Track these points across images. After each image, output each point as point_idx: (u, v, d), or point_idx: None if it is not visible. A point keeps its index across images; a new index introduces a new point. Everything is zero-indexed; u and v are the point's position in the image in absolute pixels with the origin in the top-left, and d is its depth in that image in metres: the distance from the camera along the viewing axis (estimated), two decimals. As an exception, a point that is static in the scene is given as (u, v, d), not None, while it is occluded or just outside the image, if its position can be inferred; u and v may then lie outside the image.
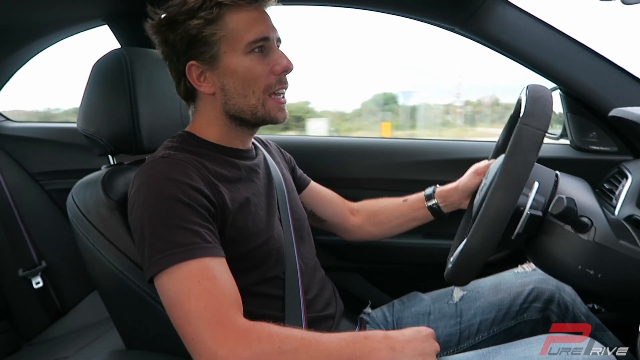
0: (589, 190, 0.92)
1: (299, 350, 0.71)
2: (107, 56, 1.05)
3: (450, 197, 1.17)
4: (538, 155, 0.76)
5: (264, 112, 0.90)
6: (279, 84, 0.90)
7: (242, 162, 0.96)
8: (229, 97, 0.89)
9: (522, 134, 0.77)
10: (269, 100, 0.90)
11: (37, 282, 1.63)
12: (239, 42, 0.86)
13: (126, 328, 1.07)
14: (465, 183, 1.14)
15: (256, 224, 0.90)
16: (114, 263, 0.95)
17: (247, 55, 0.87)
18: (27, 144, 1.84)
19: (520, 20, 1.27)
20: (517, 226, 0.83)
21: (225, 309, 0.72)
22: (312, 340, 0.73)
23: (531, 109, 0.79)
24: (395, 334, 0.78)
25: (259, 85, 0.88)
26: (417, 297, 1.20)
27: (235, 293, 0.76)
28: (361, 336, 0.77)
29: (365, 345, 0.75)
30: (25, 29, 1.52)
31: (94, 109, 1.05)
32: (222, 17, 0.86)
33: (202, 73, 0.89)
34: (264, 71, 0.88)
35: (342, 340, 0.75)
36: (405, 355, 0.76)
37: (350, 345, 0.74)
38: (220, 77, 0.89)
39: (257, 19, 0.88)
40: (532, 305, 1.09)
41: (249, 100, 0.89)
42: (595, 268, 0.80)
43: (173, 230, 0.75)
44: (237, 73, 0.88)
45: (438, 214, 1.19)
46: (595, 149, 1.39)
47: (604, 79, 1.26)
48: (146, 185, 0.80)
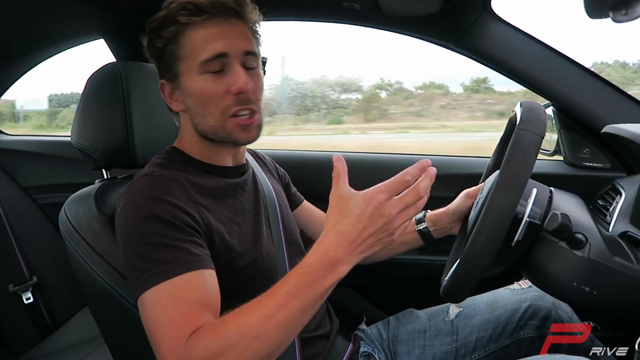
0: (583, 207, 0.92)
1: (253, 341, 0.66)
2: (102, 70, 1.05)
3: (441, 221, 1.14)
4: (535, 160, 0.77)
5: (225, 134, 0.87)
6: (237, 104, 0.85)
7: (226, 179, 0.94)
8: (193, 115, 0.89)
9: (520, 138, 0.78)
10: (229, 122, 0.86)
11: (28, 298, 1.61)
12: (194, 61, 0.84)
13: (116, 345, 1.05)
14: (457, 206, 1.12)
15: (242, 243, 0.89)
16: (105, 278, 0.94)
17: (201, 75, 0.85)
18: (21, 157, 1.83)
19: (513, 37, 1.29)
20: (517, 233, 0.83)
21: (184, 337, 0.68)
22: (257, 324, 0.66)
23: (527, 116, 0.80)
24: (332, 243, 0.67)
25: (215, 106, 0.85)
26: (413, 314, 1.19)
27: (214, 305, 0.74)
28: (298, 274, 0.68)
29: (310, 281, 0.67)
30: (24, 41, 1.53)
31: (88, 122, 1.05)
32: (182, 34, 0.85)
33: (172, 90, 0.90)
34: (218, 92, 0.84)
35: (285, 294, 0.67)
36: (357, 256, 0.68)
37: (297, 294, 0.67)
38: (184, 96, 0.88)
39: (215, 35, 0.84)
40: (528, 322, 1.09)
41: (207, 121, 0.87)
42: (591, 285, 0.80)
43: (155, 249, 0.74)
44: (194, 93, 0.86)
45: (428, 239, 1.16)
46: (588, 166, 1.39)
47: (596, 96, 1.28)
48: (129, 205, 0.79)
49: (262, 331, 0.66)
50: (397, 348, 1.12)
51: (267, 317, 0.66)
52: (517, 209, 0.79)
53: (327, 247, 0.68)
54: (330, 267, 0.67)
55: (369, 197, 0.67)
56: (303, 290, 0.67)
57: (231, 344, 0.66)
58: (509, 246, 0.84)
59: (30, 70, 1.79)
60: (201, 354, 0.66)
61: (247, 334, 0.66)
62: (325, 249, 0.67)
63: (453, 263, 0.93)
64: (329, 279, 0.67)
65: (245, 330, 0.66)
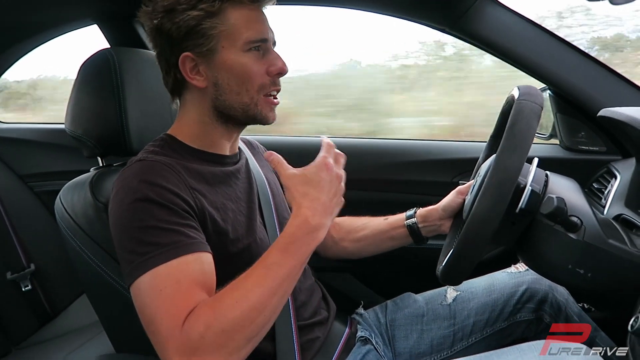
0: (578, 190, 0.93)
1: (252, 313, 0.70)
2: (95, 56, 1.04)
3: (430, 217, 1.13)
4: (537, 127, 0.78)
5: (256, 111, 0.89)
6: (273, 85, 0.90)
7: (221, 168, 0.94)
8: (220, 92, 0.88)
9: (522, 106, 0.80)
10: (261, 100, 0.90)
11: (26, 286, 1.62)
12: (238, 38, 0.86)
13: (115, 331, 1.06)
14: (448, 203, 1.11)
15: (236, 229, 0.89)
16: (102, 266, 0.94)
17: (245, 53, 0.86)
18: (16, 145, 1.82)
19: (510, 20, 1.28)
20: (520, 201, 0.83)
21: (181, 319, 0.69)
22: (251, 297, 0.71)
23: (526, 90, 0.83)
24: (309, 212, 0.76)
25: (253, 84, 0.88)
26: (411, 298, 1.19)
27: (211, 289, 0.75)
28: (283, 244, 0.75)
29: (295, 249, 0.75)
30: (15, 29, 1.51)
31: (82, 109, 1.04)
32: (224, 11, 0.84)
33: (195, 66, 0.87)
34: (259, 71, 0.88)
35: (274, 264, 0.74)
36: (329, 219, 0.78)
37: (285, 263, 0.74)
38: (214, 72, 0.87)
39: (257, 18, 0.88)
40: (525, 305, 1.10)
41: (241, 97, 0.88)
42: (585, 267, 0.80)
43: (151, 232, 0.74)
44: (234, 69, 0.87)
45: (417, 236, 1.14)
46: (584, 149, 1.39)
47: (592, 79, 1.27)
48: (123, 189, 0.79)
49: (257, 301, 0.70)
50: (395, 332, 1.13)
51: (261, 288, 0.71)
52: (519, 179, 0.79)
53: (304, 216, 0.76)
54: (311, 234, 0.75)
55: (320, 163, 0.79)
56: (290, 258, 0.74)
57: (231, 318, 0.68)
58: (510, 222, 0.85)
59: (21, 58, 1.77)
60: (201, 330, 0.67)
61: (244, 306, 0.69)
62: (304, 218, 0.75)
63: (449, 248, 0.93)
64: (312, 244, 0.76)
65: (241, 303, 0.70)
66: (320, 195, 0.77)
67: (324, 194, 0.77)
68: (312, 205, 0.76)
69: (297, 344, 0.92)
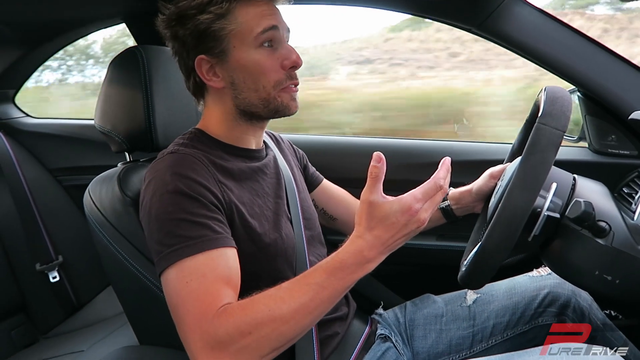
0: (607, 194, 0.91)
1: (282, 325, 0.70)
2: (124, 53, 1.06)
3: (463, 200, 1.15)
4: (556, 156, 0.75)
5: (277, 103, 0.90)
6: (289, 79, 0.90)
7: (250, 163, 0.96)
8: (238, 91, 0.90)
9: (540, 133, 0.76)
10: (280, 94, 0.90)
11: (54, 277, 1.66)
12: (248, 35, 0.87)
13: (139, 324, 1.08)
14: (480, 186, 1.11)
15: (262, 224, 0.90)
16: (129, 259, 0.96)
17: (256, 49, 0.87)
18: (46, 140, 1.87)
19: (538, 20, 1.25)
20: (534, 228, 0.82)
21: (209, 312, 0.70)
22: (287, 312, 0.70)
23: (549, 109, 0.78)
24: (367, 245, 0.73)
25: (268, 79, 0.88)
26: (430, 299, 1.19)
27: (235, 283, 0.77)
28: (332, 269, 0.73)
29: (342, 276, 0.73)
30: (48, 26, 1.55)
31: (111, 106, 1.06)
32: (232, 11, 0.86)
33: (211, 67, 0.89)
34: (273, 66, 0.88)
35: (317, 285, 0.72)
36: (386, 254, 0.74)
37: (328, 286, 0.72)
38: (229, 72, 0.89)
39: (266, 11, 0.88)
40: (547, 309, 1.08)
41: (259, 94, 0.89)
42: (613, 274, 0.78)
43: (180, 224, 0.76)
44: (247, 67, 0.88)
45: (450, 217, 1.17)
46: (614, 152, 1.36)
47: (624, 81, 1.24)
48: (154, 181, 0.81)
49: (291, 317, 0.70)
50: (414, 332, 1.13)
51: (298, 304, 0.71)
52: (536, 202, 0.77)
53: (361, 247, 0.73)
54: (362, 265, 0.73)
55: (406, 207, 0.72)
56: (334, 283, 0.72)
57: (260, 324, 0.69)
58: (526, 239, 0.83)
59: (51, 56, 1.81)
60: (229, 330, 0.69)
61: (276, 317, 0.70)
62: (360, 248, 0.73)
63: (474, 244, 0.92)
64: (359, 274, 0.74)
65: (275, 314, 0.70)
66: (386, 235, 0.72)
67: (390, 234, 0.73)
68: (372, 241, 0.73)
69: (317, 339, 0.93)
